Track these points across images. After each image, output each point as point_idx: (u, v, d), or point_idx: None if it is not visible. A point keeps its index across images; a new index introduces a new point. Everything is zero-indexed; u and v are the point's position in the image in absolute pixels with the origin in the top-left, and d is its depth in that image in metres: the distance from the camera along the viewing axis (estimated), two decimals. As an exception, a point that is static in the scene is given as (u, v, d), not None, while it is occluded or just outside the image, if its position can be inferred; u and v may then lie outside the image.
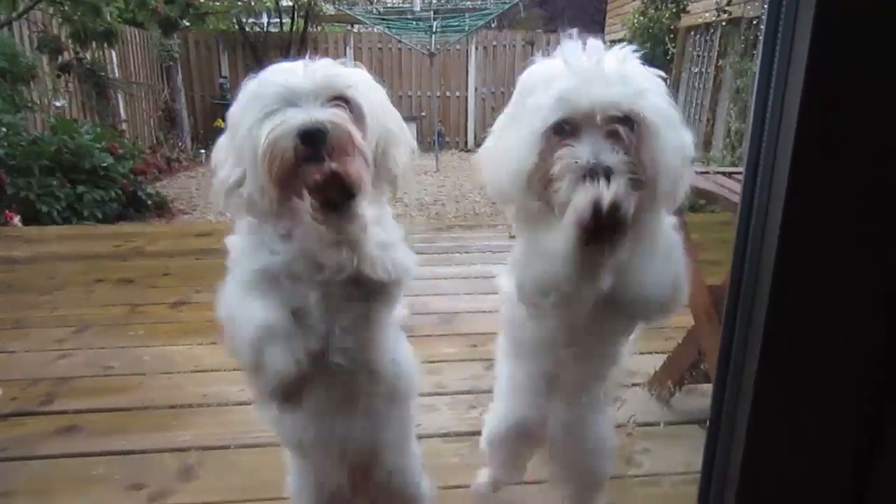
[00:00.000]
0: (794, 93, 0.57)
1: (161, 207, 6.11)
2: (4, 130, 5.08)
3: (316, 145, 0.90)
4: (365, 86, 1.01)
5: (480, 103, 10.58)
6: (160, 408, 2.11)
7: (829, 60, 0.56)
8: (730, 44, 6.16)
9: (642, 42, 7.52)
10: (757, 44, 5.13)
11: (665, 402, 2.10)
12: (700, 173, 2.03)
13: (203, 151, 8.60)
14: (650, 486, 1.76)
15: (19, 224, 4.76)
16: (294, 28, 10.32)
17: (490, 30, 11.04)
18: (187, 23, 8.86)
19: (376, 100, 1.02)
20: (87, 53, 6.72)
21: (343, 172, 0.90)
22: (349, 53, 9.76)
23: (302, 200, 0.93)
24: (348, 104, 0.96)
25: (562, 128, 0.92)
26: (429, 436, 1.90)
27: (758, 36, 5.28)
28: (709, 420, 0.71)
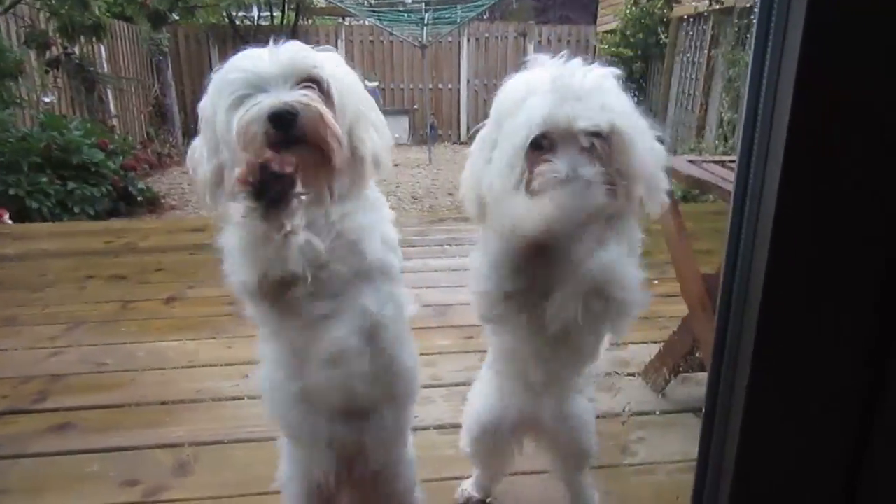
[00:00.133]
0: (788, 82, 0.57)
1: (152, 203, 6.08)
2: (-7, 127, 5.04)
3: (287, 128, 0.89)
4: (333, 66, 1.00)
5: (473, 95, 10.56)
6: (153, 404, 2.10)
7: (823, 50, 0.56)
8: (722, 33, 6.17)
9: (635, 32, 7.53)
10: (749, 33, 5.13)
11: (660, 391, 2.11)
12: (693, 162, 2.03)
13: (194, 146, 8.53)
14: (645, 475, 1.77)
15: (9, 221, 4.72)
16: (285, 21, 10.25)
17: (482, 21, 11.01)
18: (177, 16, 8.77)
19: (346, 81, 1.01)
20: (76, 48, 6.64)
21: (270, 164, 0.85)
22: (340, 46, 9.71)
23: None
24: (318, 85, 0.95)
25: (540, 143, 0.98)
26: (424, 428, 1.90)
27: (750, 25, 5.28)
28: (704, 409, 0.71)
